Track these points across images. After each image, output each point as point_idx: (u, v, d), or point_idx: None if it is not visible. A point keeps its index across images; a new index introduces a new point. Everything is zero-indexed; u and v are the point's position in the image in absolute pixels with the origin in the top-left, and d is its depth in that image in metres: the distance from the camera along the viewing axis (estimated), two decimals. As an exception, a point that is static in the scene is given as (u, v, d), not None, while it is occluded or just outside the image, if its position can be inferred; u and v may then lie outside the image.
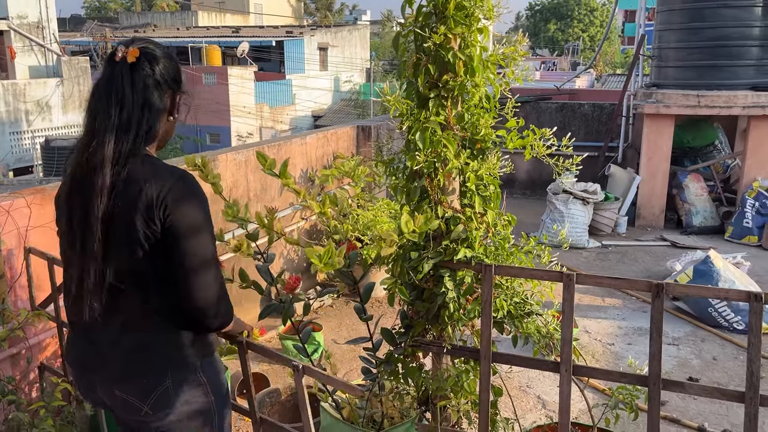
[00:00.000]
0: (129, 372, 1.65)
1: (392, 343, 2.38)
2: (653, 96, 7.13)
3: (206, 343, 1.74)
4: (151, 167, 1.59)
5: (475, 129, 2.16)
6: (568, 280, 2.04)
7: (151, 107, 1.61)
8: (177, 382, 1.65)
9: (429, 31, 1.97)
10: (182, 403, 1.67)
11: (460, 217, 2.17)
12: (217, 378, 1.77)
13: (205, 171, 2.40)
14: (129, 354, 1.64)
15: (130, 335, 1.64)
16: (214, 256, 1.63)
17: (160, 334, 1.65)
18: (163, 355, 1.65)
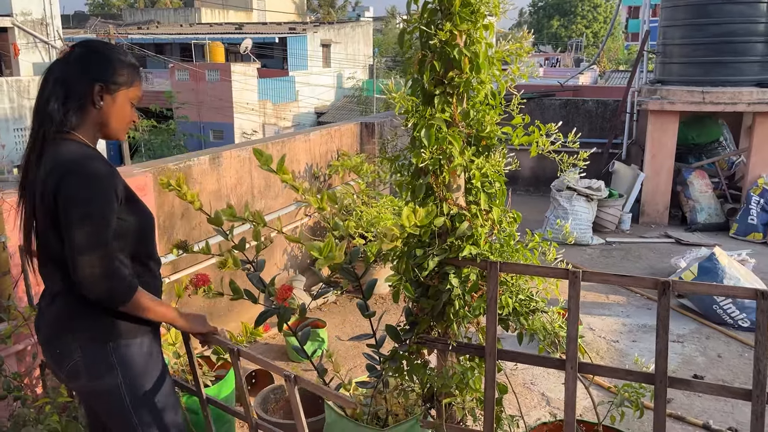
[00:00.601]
0: (48, 341, 1.84)
1: (397, 340, 2.38)
2: (658, 92, 7.10)
3: (125, 325, 1.81)
4: (56, 154, 1.71)
5: (480, 126, 2.15)
6: (573, 278, 2.04)
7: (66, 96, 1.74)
8: (87, 358, 1.78)
9: (434, 28, 1.97)
10: (92, 378, 1.80)
11: (465, 214, 2.17)
12: (134, 361, 1.83)
13: (182, 190, 2.40)
14: (49, 325, 1.83)
15: (52, 308, 1.82)
16: (96, 231, 1.68)
17: (74, 310, 1.78)
18: (75, 330, 1.79)
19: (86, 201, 1.67)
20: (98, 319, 1.78)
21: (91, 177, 1.70)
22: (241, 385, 2.07)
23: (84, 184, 1.68)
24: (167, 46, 27.18)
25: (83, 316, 1.78)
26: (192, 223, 4.01)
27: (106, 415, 1.92)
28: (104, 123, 1.80)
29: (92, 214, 1.67)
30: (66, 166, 1.70)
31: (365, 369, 2.58)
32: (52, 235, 1.74)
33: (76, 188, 1.68)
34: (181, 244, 2.33)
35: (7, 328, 2.77)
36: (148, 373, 1.86)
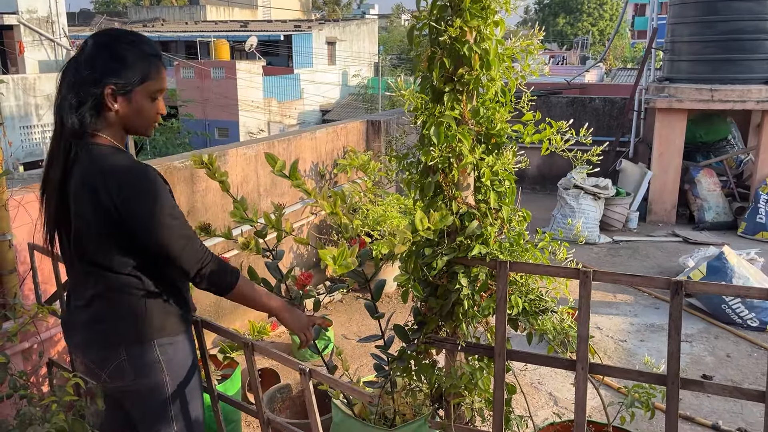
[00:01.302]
0: (87, 342, 1.81)
1: (405, 339, 2.36)
2: (665, 90, 7.05)
3: (168, 323, 1.81)
4: (94, 160, 1.67)
5: (490, 123, 2.13)
6: (584, 277, 2.01)
7: (75, 103, 1.67)
8: (133, 357, 1.76)
9: (444, 25, 1.94)
10: (136, 377, 1.78)
11: (474, 213, 2.14)
12: (181, 362, 1.84)
13: (212, 169, 2.38)
14: (89, 327, 1.79)
15: (92, 309, 1.78)
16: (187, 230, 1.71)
17: (117, 310, 1.76)
18: (118, 331, 1.76)
19: (157, 202, 1.66)
20: (141, 317, 1.77)
21: (150, 179, 1.67)
22: (254, 379, 2.05)
23: (146, 187, 1.66)
24: (172, 43, 27.21)
25: (126, 316, 1.76)
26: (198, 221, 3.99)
27: (142, 412, 1.89)
28: (125, 124, 1.74)
29: (169, 212, 1.68)
30: (119, 174, 1.65)
31: (372, 368, 2.56)
32: (96, 237, 1.70)
33: (141, 193, 1.65)
34: (204, 226, 2.33)
35: (13, 326, 2.76)
36: (186, 368, 1.87)
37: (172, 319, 1.82)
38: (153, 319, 1.78)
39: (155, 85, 1.74)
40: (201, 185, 3.98)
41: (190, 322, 1.93)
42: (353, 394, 1.83)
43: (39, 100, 15.45)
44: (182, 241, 1.70)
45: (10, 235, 2.80)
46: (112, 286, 1.75)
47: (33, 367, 2.95)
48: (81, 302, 1.81)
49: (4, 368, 2.70)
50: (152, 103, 1.75)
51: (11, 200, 2.81)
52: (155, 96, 1.75)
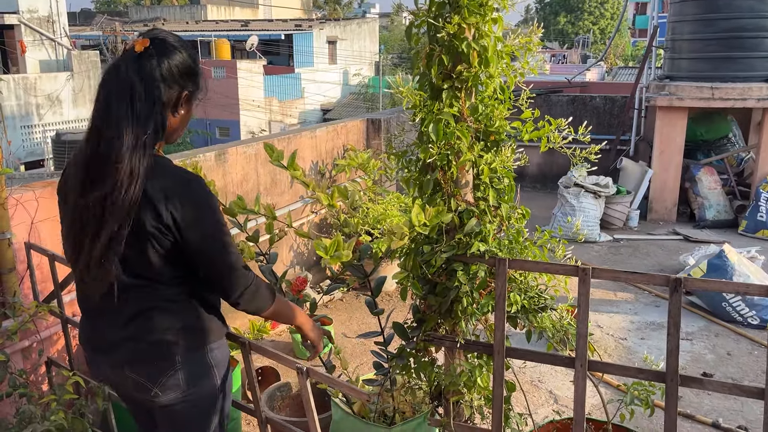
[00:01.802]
0: (139, 354, 1.69)
1: (404, 337, 2.36)
2: (666, 88, 7.04)
3: (214, 327, 1.79)
4: (160, 167, 1.59)
5: (488, 120, 2.12)
6: (583, 275, 2.01)
7: (156, 100, 1.57)
8: (187, 366, 1.71)
9: (443, 21, 1.94)
10: (191, 386, 1.73)
11: (473, 211, 2.14)
12: (225, 362, 1.83)
13: None
14: (140, 337, 1.68)
15: (141, 320, 1.68)
16: (226, 243, 1.66)
17: (169, 319, 1.70)
18: (173, 339, 1.69)
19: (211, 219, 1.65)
20: (192, 326, 1.74)
21: (208, 197, 1.65)
22: (252, 378, 2.05)
23: (205, 204, 1.64)
24: (173, 43, 27.14)
25: (177, 325, 1.70)
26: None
27: (188, 420, 1.80)
28: (175, 131, 1.68)
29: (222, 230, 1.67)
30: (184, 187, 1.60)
31: (372, 366, 2.56)
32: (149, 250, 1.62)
33: (200, 210, 1.62)
34: None
35: (13, 325, 2.77)
36: (226, 368, 1.86)
37: (216, 323, 1.80)
38: (203, 324, 1.75)
39: (200, 95, 1.74)
40: (201, 184, 3.98)
41: (227, 325, 1.92)
42: (350, 392, 1.83)
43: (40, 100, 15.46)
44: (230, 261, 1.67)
45: (9, 233, 2.80)
46: (160, 297, 1.69)
47: (32, 365, 2.95)
48: (120, 317, 1.69)
49: (4, 367, 2.70)
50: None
51: (10, 199, 2.81)
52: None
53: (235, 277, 1.68)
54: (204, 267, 1.68)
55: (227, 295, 1.71)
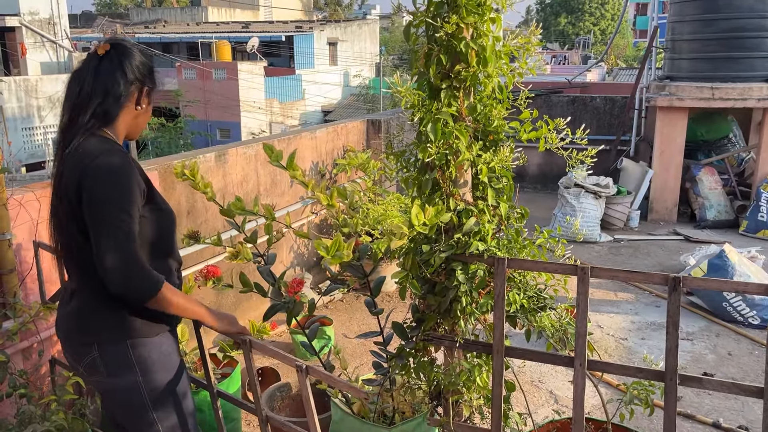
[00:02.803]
0: (67, 335, 1.86)
1: (403, 337, 2.36)
2: (666, 89, 7.05)
3: (140, 324, 1.81)
4: (80, 148, 1.72)
5: (487, 120, 2.13)
6: (582, 274, 2.01)
7: (108, 93, 1.76)
8: (104, 355, 1.78)
9: (441, 21, 1.94)
10: (110, 374, 1.80)
11: (472, 210, 2.14)
12: (152, 361, 1.83)
13: (195, 180, 2.38)
14: (68, 319, 1.84)
15: (72, 303, 1.83)
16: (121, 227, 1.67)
17: (92, 307, 1.80)
18: (92, 327, 1.79)
19: (108, 195, 1.67)
20: (116, 316, 1.78)
21: (112, 171, 1.69)
22: (253, 377, 2.06)
23: (105, 178, 1.68)
24: (174, 45, 27.24)
25: (100, 313, 1.78)
26: (198, 221, 4.01)
27: (121, 411, 1.92)
28: (137, 123, 1.86)
29: (115, 208, 1.67)
30: (88, 161, 1.70)
31: (372, 367, 2.56)
32: (72, 230, 1.74)
33: (98, 183, 1.68)
34: (193, 234, 2.32)
35: (13, 325, 2.77)
36: (166, 370, 1.86)
37: (147, 320, 1.81)
38: (127, 318, 1.79)
39: (153, 98, 1.90)
40: (201, 185, 3.99)
41: (171, 321, 1.91)
42: (349, 391, 1.83)
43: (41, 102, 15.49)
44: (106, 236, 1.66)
45: (9, 234, 2.81)
46: (87, 281, 1.78)
47: (33, 365, 2.96)
48: (66, 296, 1.88)
49: (4, 367, 2.71)
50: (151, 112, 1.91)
51: (11, 200, 2.81)
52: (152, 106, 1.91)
53: (106, 256, 1.65)
54: (92, 238, 1.69)
55: (99, 267, 1.67)
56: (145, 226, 1.79)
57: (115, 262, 1.66)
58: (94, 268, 1.74)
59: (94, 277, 1.76)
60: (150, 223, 1.81)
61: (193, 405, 2.00)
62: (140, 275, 1.69)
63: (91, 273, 1.76)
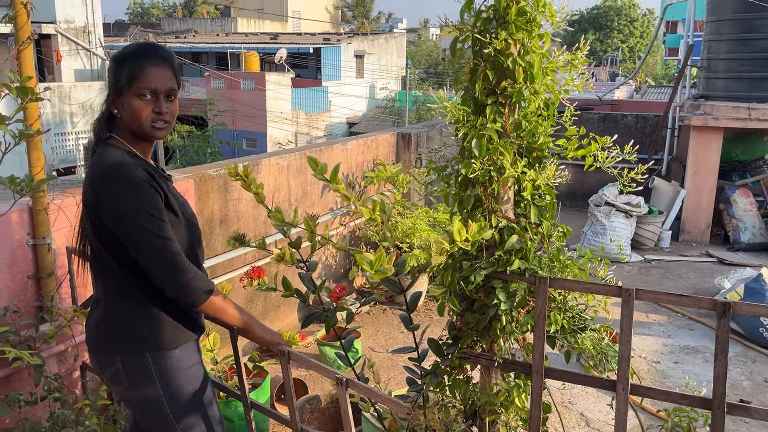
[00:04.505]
0: (92, 344, 1.86)
1: (439, 354, 2.33)
2: (701, 108, 6.94)
3: (162, 335, 1.79)
4: (95, 160, 1.74)
5: (531, 137, 2.10)
6: (627, 296, 1.97)
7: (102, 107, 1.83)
8: (127, 366, 1.77)
9: (490, 37, 1.93)
10: (132, 386, 1.79)
11: (514, 227, 2.11)
12: (173, 374, 1.80)
13: (248, 180, 2.38)
14: (93, 329, 1.83)
15: (96, 312, 1.83)
16: (156, 233, 1.67)
17: (114, 316, 1.78)
18: (114, 337, 1.78)
19: (131, 203, 1.66)
20: (138, 327, 1.77)
21: (124, 179, 1.68)
22: (290, 388, 2.04)
23: (121, 187, 1.67)
24: (204, 54, 27.66)
25: (123, 323, 1.77)
26: (230, 230, 4.03)
27: (145, 422, 1.92)
28: (127, 127, 1.77)
29: (143, 215, 1.66)
30: (100, 173, 1.71)
31: (401, 381, 2.54)
32: (94, 239, 1.76)
33: (115, 193, 1.67)
34: (239, 237, 2.33)
35: (50, 329, 2.80)
36: (189, 383, 1.84)
37: (169, 330, 1.80)
38: (149, 329, 1.77)
39: (140, 83, 1.72)
40: (234, 194, 4.01)
41: (196, 332, 1.89)
42: (391, 405, 1.80)
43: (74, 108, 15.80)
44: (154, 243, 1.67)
45: (49, 238, 2.84)
46: (111, 289, 1.79)
47: (67, 369, 2.98)
48: (93, 304, 1.89)
49: (40, 370, 2.73)
50: (143, 101, 1.73)
51: (51, 205, 2.85)
52: (143, 93, 1.73)
53: (153, 262, 1.67)
54: (132, 250, 1.69)
55: (151, 276, 1.69)
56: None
57: (164, 273, 1.67)
58: (115, 277, 1.76)
59: (115, 285, 1.78)
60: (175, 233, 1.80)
61: (219, 414, 1.98)
62: (188, 283, 1.70)
63: (113, 281, 1.78)
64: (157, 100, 1.74)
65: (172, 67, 1.79)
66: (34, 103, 2.58)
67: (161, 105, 1.74)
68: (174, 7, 46.31)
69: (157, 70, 1.74)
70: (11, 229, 2.75)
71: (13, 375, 2.79)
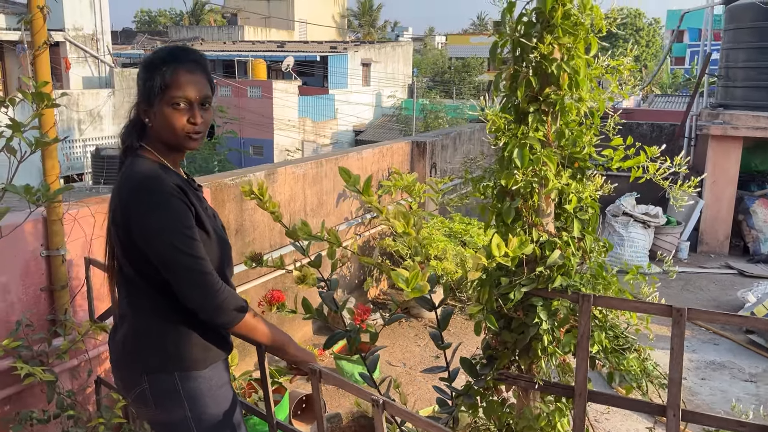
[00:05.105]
0: (117, 364, 1.77)
1: (473, 374, 2.22)
2: (720, 117, 6.83)
3: (191, 355, 1.69)
4: (125, 172, 1.65)
5: (573, 146, 2.00)
6: (678, 316, 1.86)
7: (130, 116, 1.73)
8: (154, 387, 1.67)
9: (535, 41, 1.83)
10: (159, 408, 1.69)
11: (555, 242, 2.00)
12: (202, 395, 1.71)
13: (263, 200, 2.28)
14: (119, 347, 1.74)
15: (123, 330, 1.73)
16: (189, 253, 1.57)
17: (141, 334, 1.69)
18: (140, 356, 1.69)
19: (161, 222, 1.57)
20: (165, 346, 1.67)
21: (158, 196, 1.58)
22: (320, 408, 1.93)
23: (152, 205, 1.57)
24: (211, 62, 27.70)
25: (151, 342, 1.68)
26: (245, 240, 3.93)
27: None
28: (159, 137, 1.67)
29: (174, 234, 1.56)
30: (130, 187, 1.61)
31: (420, 397, 2.42)
32: (122, 256, 1.66)
33: (144, 210, 1.58)
34: (256, 257, 2.23)
35: (63, 344, 2.70)
36: (218, 404, 1.74)
37: (199, 350, 1.70)
38: (177, 348, 1.68)
39: (174, 92, 1.61)
40: (250, 204, 3.92)
41: (225, 351, 1.80)
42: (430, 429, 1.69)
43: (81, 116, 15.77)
44: (186, 262, 1.57)
45: (63, 250, 2.75)
46: (140, 307, 1.69)
47: (80, 385, 2.87)
48: (118, 322, 1.80)
49: (52, 387, 2.63)
50: (177, 111, 1.62)
51: (66, 215, 2.76)
52: (177, 103, 1.62)
53: (183, 281, 1.58)
54: (162, 270, 1.60)
55: (180, 295, 1.60)
56: None
57: (196, 294, 1.58)
58: (144, 295, 1.68)
59: (143, 303, 1.69)
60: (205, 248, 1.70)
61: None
62: (222, 303, 1.60)
63: (142, 299, 1.69)
64: (191, 110, 1.62)
65: (206, 71, 1.68)
66: (50, 110, 2.50)
67: (196, 115, 1.63)
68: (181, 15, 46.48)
69: (191, 77, 1.62)
70: (25, 240, 2.65)
71: (25, 391, 2.69)
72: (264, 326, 1.74)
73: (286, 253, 4.25)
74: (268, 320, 1.79)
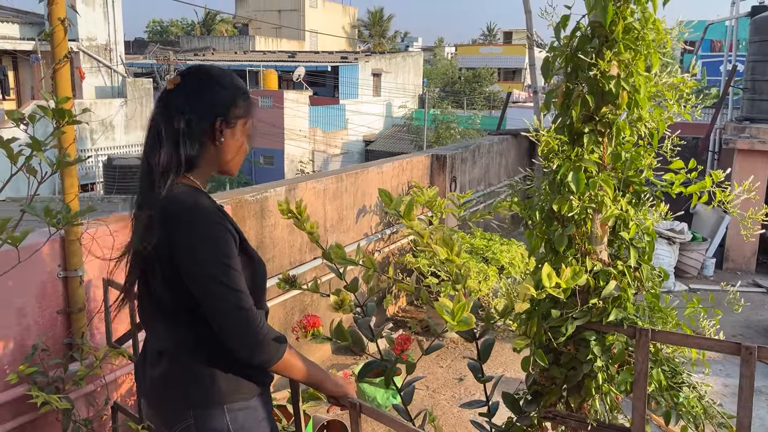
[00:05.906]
0: (157, 400, 1.67)
1: (516, 411, 2.08)
2: (746, 130, 6.67)
3: (237, 387, 1.60)
4: (165, 201, 1.52)
5: (629, 170, 1.86)
6: (747, 354, 1.71)
7: (182, 134, 1.55)
8: (200, 422, 1.59)
9: (594, 57, 1.70)
10: None
11: (610, 272, 1.87)
12: (250, 426, 1.61)
13: (302, 219, 2.17)
14: (158, 382, 1.64)
15: (162, 365, 1.63)
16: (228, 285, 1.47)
17: (184, 368, 1.60)
18: (186, 391, 1.60)
19: (205, 253, 1.47)
20: (212, 380, 1.58)
21: (204, 226, 1.49)
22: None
23: (201, 236, 1.48)
24: (222, 72, 27.71)
25: (195, 377, 1.58)
26: (266, 257, 3.80)
27: None
28: (222, 160, 1.62)
29: (216, 265, 1.46)
30: (176, 216, 1.51)
31: (445, 423, 2.28)
32: (163, 288, 1.54)
33: (187, 240, 1.48)
34: (289, 279, 2.11)
35: (80, 370, 2.58)
36: None
37: (244, 382, 1.62)
38: (223, 381, 1.59)
39: (253, 122, 1.67)
40: (270, 220, 3.80)
41: (266, 383, 1.71)
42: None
43: (94, 125, 15.78)
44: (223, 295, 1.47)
45: (81, 271, 2.63)
46: (182, 340, 1.59)
47: (97, 412, 2.75)
48: (151, 356, 1.67)
49: (68, 415, 2.51)
50: (247, 140, 1.66)
51: (85, 234, 2.65)
52: (249, 134, 1.67)
53: (223, 325, 1.48)
54: (201, 301, 1.50)
55: (216, 328, 1.50)
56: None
57: (236, 332, 1.47)
58: (187, 329, 1.57)
59: (187, 337, 1.58)
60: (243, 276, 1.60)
61: None
62: (263, 341, 1.50)
63: (186, 333, 1.58)
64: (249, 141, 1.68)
65: None
66: (70, 126, 2.38)
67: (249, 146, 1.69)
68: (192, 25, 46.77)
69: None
70: (41, 261, 2.54)
71: (40, 419, 2.57)
72: (300, 363, 1.63)
73: (305, 271, 4.13)
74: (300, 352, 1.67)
